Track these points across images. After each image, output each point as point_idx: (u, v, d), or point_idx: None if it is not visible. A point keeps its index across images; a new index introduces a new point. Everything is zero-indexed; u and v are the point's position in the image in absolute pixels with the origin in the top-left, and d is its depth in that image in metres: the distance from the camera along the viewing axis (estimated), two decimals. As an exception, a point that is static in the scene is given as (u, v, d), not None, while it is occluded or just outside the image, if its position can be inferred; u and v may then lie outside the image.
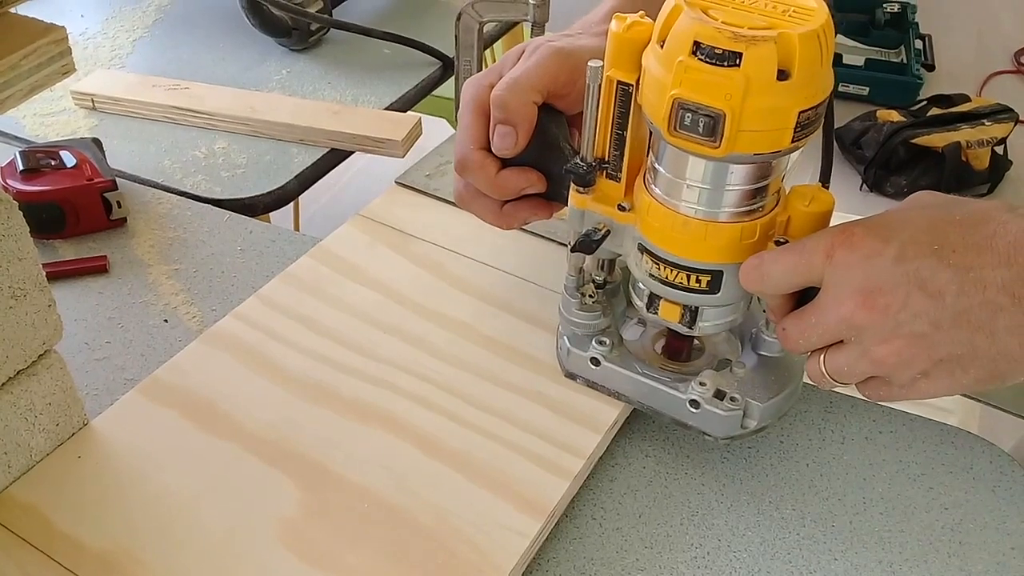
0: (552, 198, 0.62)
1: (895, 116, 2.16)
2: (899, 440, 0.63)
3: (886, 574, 0.55)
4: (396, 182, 0.82)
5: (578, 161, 0.56)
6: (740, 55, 0.45)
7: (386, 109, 1.00)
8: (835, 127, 2.14)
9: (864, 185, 2.16)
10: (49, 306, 0.54)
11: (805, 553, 0.56)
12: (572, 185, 0.57)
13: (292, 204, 1.50)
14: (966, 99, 2.19)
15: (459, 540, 0.53)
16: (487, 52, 1.21)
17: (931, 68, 2.41)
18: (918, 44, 2.43)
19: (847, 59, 2.35)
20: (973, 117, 2.12)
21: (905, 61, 2.38)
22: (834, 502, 0.59)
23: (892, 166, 2.13)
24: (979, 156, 2.07)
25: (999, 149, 2.10)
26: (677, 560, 0.55)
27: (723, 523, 0.57)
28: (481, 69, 0.85)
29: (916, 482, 0.60)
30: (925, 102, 2.20)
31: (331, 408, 0.60)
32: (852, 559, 0.56)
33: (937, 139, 2.07)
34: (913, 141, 2.09)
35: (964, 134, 2.07)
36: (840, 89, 2.30)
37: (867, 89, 2.34)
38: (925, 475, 0.61)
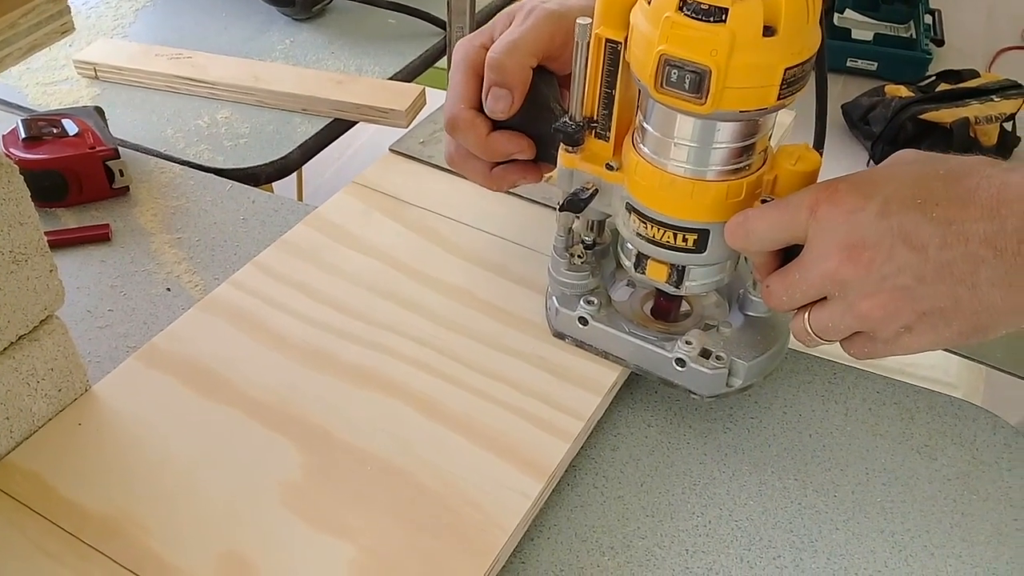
0: (543, 159, 0.63)
1: (903, 91, 2.14)
2: (903, 411, 0.63)
3: (888, 544, 0.55)
4: (390, 149, 0.81)
5: (567, 120, 0.56)
6: (726, 11, 0.45)
7: (390, 79, 0.99)
8: (843, 103, 2.13)
9: (871, 161, 2.15)
10: (50, 271, 0.54)
11: (807, 523, 0.56)
12: (561, 144, 0.57)
13: (295, 176, 1.50)
14: (975, 75, 2.17)
15: (463, 501, 0.53)
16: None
17: (940, 43, 2.39)
18: (927, 19, 2.40)
19: (856, 34, 2.33)
20: (982, 93, 2.10)
21: (914, 36, 2.35)
22: (836, 472, 0.59)
23: (900, 142, 2.11)
24: (987, 132, 2.05)
25: (1008, 125, 2.09)
26: (679, 528, 0.55)
27: (725, 492, 0.57)
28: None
29: (919, 453, 0.60)
30: (934, 77, 2.18)
31: (331, 373, 0.60)
32: (854, 529, 0.56)
33: (945, 115, 2.05)
34: (921, 117, 2.07)
35: (973, 110, 2.05)
36: (848, 64, 2.28)
37: (875, 64, 2.32)
38: (928, 446, 0.61)
